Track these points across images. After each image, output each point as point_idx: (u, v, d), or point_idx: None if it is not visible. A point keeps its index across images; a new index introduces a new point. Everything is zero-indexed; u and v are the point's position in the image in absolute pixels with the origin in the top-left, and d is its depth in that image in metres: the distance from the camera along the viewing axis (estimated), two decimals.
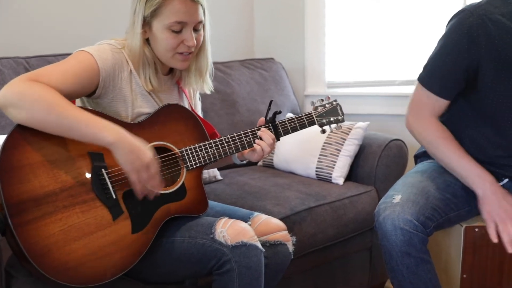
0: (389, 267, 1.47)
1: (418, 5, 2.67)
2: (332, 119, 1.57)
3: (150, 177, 1.27)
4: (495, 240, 1.46)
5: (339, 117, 1.58)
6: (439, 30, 1.56)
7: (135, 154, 1.25)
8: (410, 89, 2.61)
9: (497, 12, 1.43)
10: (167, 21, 1.35)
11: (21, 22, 2.09)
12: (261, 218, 1.52)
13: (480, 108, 1.51)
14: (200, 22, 1.40)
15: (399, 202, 1.45)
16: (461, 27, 1.44)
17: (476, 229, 1.54)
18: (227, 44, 2.72)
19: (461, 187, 1.53)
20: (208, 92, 1.56)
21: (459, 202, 1.53)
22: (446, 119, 1.57)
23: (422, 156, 1.75)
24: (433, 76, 1.52)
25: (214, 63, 2.40)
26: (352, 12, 2.76)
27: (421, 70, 1.57)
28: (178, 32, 1.37)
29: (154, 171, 1.28)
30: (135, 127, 1.37)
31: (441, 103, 1.53)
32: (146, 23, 1.38)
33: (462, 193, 1.53)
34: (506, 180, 1.57)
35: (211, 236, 1.34)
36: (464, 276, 1.56)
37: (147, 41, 1.40)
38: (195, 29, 1.40)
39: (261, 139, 1.47)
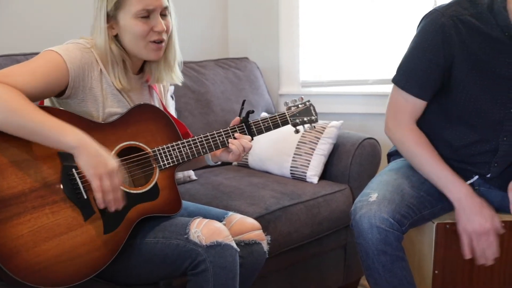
0: (365, 265, 1.48)
1: (390, 5, 2.71)
2: (305, 119, 1.58)
3: (112, 186, 1.22)
4: (468, 256, 1.46)
5: (313, 117, 1.59)
6: (411, 29, 1.58)
7: (99, 159, 1.21)
8: (383, 88, 2.68)
9: (466, 13, 1.45)
10: (133, 9, 1.33)
11: None
12: (235, 217, 1.51)
13: (451, 109, 1.53)
14: (166, 7, 1.38)
15: (375, 200, 1.46)
16: (434, 27, 1.46)
17: (447, 226, 1.56)
18: (201, 44, 2.71)
19: (434, 185, 1.55)
20: (179, 83, 1.53)
21: (433, 200, 1.55)
22: (420, 121, 1.58)
23: (395, 154, 1.77)
24: (409, 78, 1.52)
25: (188, 62, 2.42)
26: (325, 13, 2.78)
27: (394, 72, 1.58)
28: (146, 17, 1.35)
29: (118, 182, 1.23)
30: (106, 127, 1.35)
31: (420, 105, 1.54)
32: (112, 18, 1.35)
33: (435, 191, 1.55)
34: (476, 177, 1.60)
35: (186, 236, 1.33)
36: (436, 272, 1.58)
37: (115, 38, 1.38)
38: (162, 14, 1.39)
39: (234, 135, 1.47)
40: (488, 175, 1.58)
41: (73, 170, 1.27)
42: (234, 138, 1.47)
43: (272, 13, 2.72)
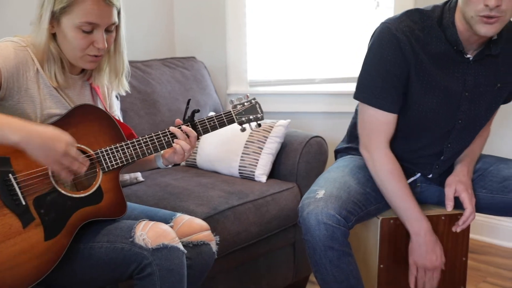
0: (312, 261, 1.50)
1: (335, 5, 2.76)
2: (251, 117, 1.57)
3: (71, 161, 1.22)
4: (411, 286, 1.53)
5: (259, 115, 1.59)
6: (356, 29, 1.60)
7: (48, 146, 1.18)
8: (330, 87, 2.72)
9: (417, 28, 1.46)
10: (78, 20, 1.29)
11: None
12: (183, 218, 1.49)
13: (403, 120, 1.54)
14: (113, 23, 1.35)
15: (322, 197, 1.47)
16: (391, 40, 1.45)
17: (391, 221, 1.60)
18: (146, 43, 2.66)
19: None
20: (123, 93, 1.51)
21: (378, 196, 1.58)
22: None
23: (342, 151, 1.80)
24: (379, 95, 1.49)
25: (134, 62, 2.37)
26: (272, 12, 2.79)
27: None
28: (89, 32, 1.31)
29: (74, 154, 1.22)
30: None
31: (392, 119, 1.52)
32: (54, 18, 1.31)
33: None
34: (419, 174, 1.66)
35: (131, 239, 1.30)
36: (381, 266, 1.62)
37: (53, 36, 1.33)
38: (107, 30, 1.35)
39: (175, 137, 1.44)
40: (430, 176, 1.64)
41: (10, 175, 1.22)
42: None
43: (219, 12, 2.71)
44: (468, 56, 1.47)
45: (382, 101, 1.49)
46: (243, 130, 1.56)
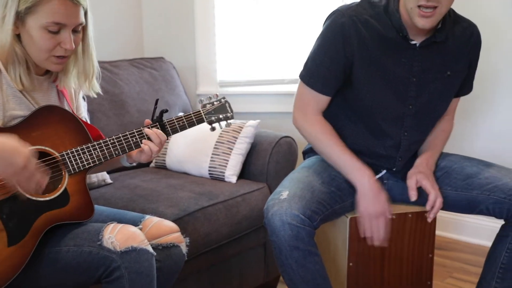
0: (279, 261, 1.51)
1: (303, 6, 2.78)
2: (221, 116, 1.57)
3: (31, 175, 1.19)
4: (362, 235, 1.56)
5: (228, 114, 1.58)
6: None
7: (6, 160, 1.15)
8: None
9: (365, 13, 1.54)
10: (44, 20, 1.26)
11: None
12: (152, 220, 1.48)
13: (355, 105, 1.60)
14: (81, 24, 1.33)
15: (286, 198, 1.48)
16: (335, 27, 1.53)
17: None
18: (114, 43, 2.63)
19: (344, 180, 1.61)
20: (95, 95, 1.48)
21: (343, 195, 1.60)
22: (328, 115, 1.64)
23: (309, 152, 1.82)
24: (313, 75, 1.59)
25: (101, 62, 2.32)
26: (241, 12, 2.79)
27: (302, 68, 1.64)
28: (56, 33, 1.29)
29: (32, 168, 1.19)
30: (8, 132, 1.26)
31: (324, 99, 1.61)
32: (19, 19, 1.27)
33: (346, 186, 1.61)
34: (384, 171, 1.68)
35: (99, 243, 1.28)
36: (350, 264, 1.64)
37: (18, 36, 1.30)
38: (74, 31, 1.33)
39: (149, 138, 1.43)
40: (394, 169, 1.67)
41: None
42: (148, 138, 1.43)
43: (187, 13, 2.70)
44: (414, 42, 1.53)
45: (316, 83, 1.58)
46: (213, 129, 1.56)
